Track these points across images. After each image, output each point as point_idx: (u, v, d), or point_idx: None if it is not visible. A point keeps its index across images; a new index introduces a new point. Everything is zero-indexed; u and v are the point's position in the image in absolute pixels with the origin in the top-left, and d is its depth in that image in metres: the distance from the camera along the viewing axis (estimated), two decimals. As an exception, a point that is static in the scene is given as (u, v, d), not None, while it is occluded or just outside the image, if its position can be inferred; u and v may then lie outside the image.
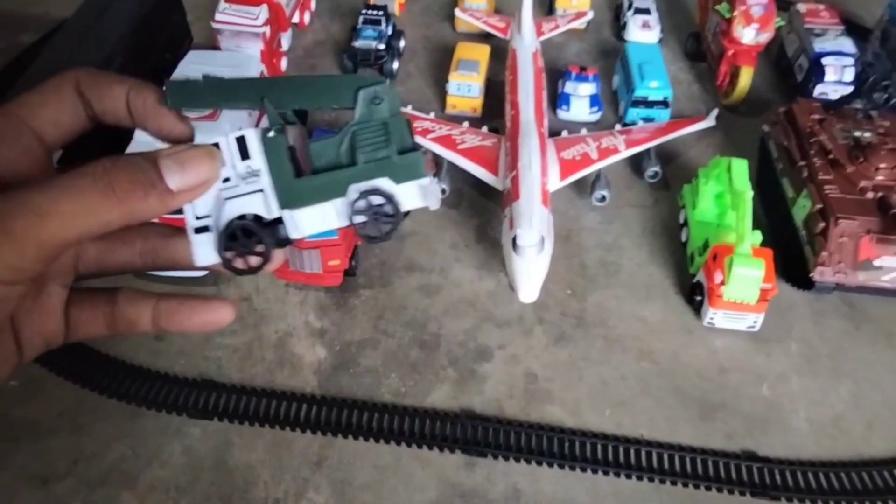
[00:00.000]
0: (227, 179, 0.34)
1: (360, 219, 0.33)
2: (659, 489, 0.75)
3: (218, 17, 1.09)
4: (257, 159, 0.34)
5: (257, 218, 0.34)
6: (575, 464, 0.76)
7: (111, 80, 0.35)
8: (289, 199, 0.34)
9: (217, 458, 0.76)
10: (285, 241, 0.35)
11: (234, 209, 0.34)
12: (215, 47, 1.13)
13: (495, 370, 0.84)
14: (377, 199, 0.33)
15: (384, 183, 0.33)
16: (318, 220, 0.34)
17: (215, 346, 0.85)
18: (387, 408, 0.80)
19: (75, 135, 0.36)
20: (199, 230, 0.34)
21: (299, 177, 0.34)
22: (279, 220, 0.34)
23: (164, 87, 0.35)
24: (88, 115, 0.35)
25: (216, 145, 0.33)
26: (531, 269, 0.81)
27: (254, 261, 0.34)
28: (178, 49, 1.15)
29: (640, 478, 0.76)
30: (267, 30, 1.10)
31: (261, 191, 0.34)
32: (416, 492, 0.74)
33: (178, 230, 0.36)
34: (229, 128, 0.87)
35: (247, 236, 0.34)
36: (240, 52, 1.07)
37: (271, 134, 0.34)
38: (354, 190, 0.33)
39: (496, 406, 0.81)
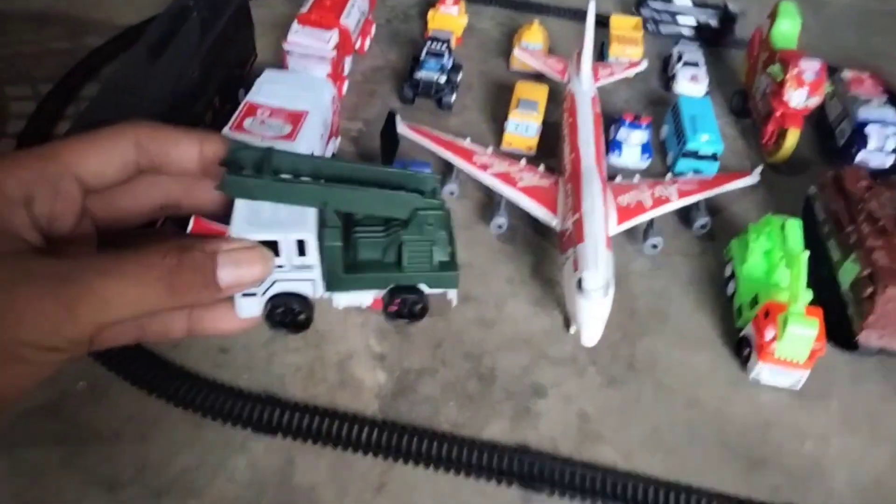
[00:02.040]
0: (280, 266, 0.37)
1: (392, 308, 0.40)
2: (708, 537, 0.77)
3: (291, 37, 1.12)
4: (312, 257, 0.37)
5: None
6: (629, 506, 0.78)
7: (177, 135, 0.37)
8: (334, 286, 0.38)
9: (281, 476, 0.77)
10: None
11: (283, 286, 0.37)
12: (282, 66, 1.16)
13: (550, 408, 0.87)
14: (411, 297, 0.39)
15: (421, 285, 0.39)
16: (355, 300, 0.40)
17: (279, 363, 0.87)
18: (446, 437, 0.82)
19: (117, 184, 0.36)
20: (246, 294, 0.37)
21: (347, 270, 0.38)
22: None
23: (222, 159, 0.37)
24: (139, 167, 0.36)
25: (275, 243, 0.36)
26: (596, 311, 0.84)
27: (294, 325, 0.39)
28: (245, 65, 1.17)
29: (690, 525, 0.78)
30: (335, 53, 1.13)
31: (311, 280, 0.38)
32: (473, 523, 0.76)
33: (200, 178, 0.37)
34: (305, 149, 0.89)
35: (291, 308, 0.38)
36: (313, 75, 1.10)
37: (329, 242, 0.37)
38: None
39: (550, 443, 0.83)
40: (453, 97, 1.23)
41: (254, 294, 0.37)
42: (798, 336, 0.86)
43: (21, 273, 0.30)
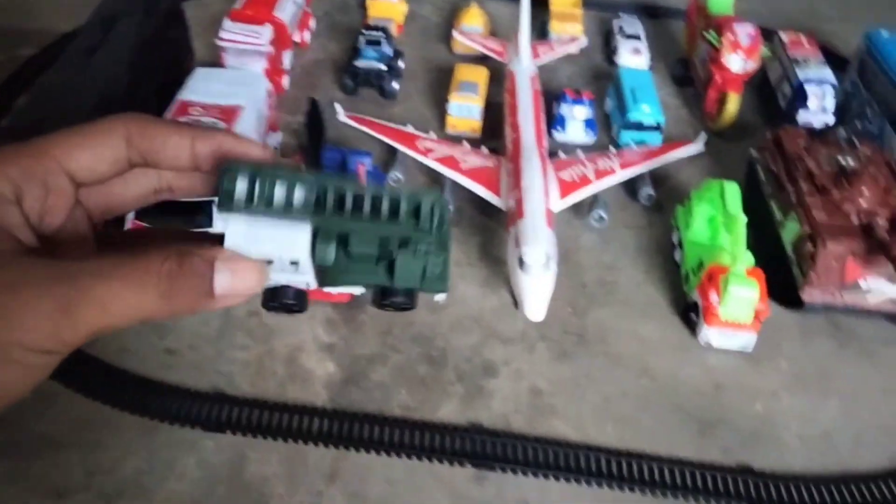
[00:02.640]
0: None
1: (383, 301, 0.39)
2: (661, 502, 0.78)
3: (223, 34, 1.11)
4: (306, 268, 0.36)
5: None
6: (581, 477, 0.79)
7: (169, 130, 0.36)
8: (326, 281, 0.38)
9: (232, 472, 0.77)
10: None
11: (277, 279, 0.37)
12: (218, 64, 1.15)
13: (501, 386, 0.87)
14: (400, 300, 0.39)
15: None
16: (344, 290, 0.40)
17: (227, 360, 0.86)
18: (398, 421, 0.82)
19: (109, 179, 0.36)
20: None
21: (339, 272, 0.37)
22: None
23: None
24: (131, 162, 0.36)
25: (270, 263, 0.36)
26: (538, 286, 0.84)
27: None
28: (182, 67, 1.16)
29: (643, 491, 0.79)
30: (271, 48, 1.12)
31: (304, 279, 0.37)
32: (428, 505, 0.76)
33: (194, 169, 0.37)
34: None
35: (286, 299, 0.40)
36: (246, 71, 1.09)
37: (321, 255, 0.36)
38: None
39: (503, 420, 0.84)
40: (396, 84, 1.23)
41: None
42: (740, 297, 0.87)
43: (19, 273, 0.30)
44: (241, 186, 0.34)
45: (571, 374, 0.89)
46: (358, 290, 0.41)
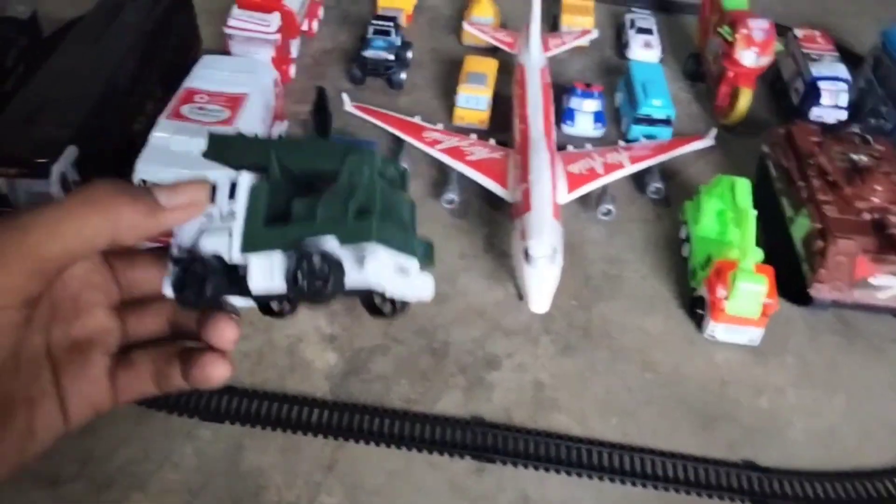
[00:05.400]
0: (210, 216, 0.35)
1: (299, 278, 0.32)
2: (663, 497, 0.77)
3: (231, 22, 1.10)
4: (240, 203, 0.34)
5: (221, 262, 0.34)
6: (582, 471, 0.78)
7: (147, 262, 0.36)
8: (247, 244, 0.33)
9: (229, 462, 0.76)
10: (245, 291, 0.34)
11: (205, 245, 0.34)
12: (226, 53, 1.14)
13: (503, 378, 0.86)
14: (317, 260, 0.32)
15: (329, 243, 0.33)
16: (266, 272, 0.33)
17: (227, 348, 0.86)
18: (397, 413, 0.81)
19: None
20: (175, 261, 0.35)
21: (266, 224, 0.34)
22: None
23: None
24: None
25: (213, 187, 0.34)
26: (543, 279, 0.83)
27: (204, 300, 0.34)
28: (188, 54, 1.15)
29: (644, 485, 0.78)
30: (278, 37, 1.12)
31: (230, 233, 0.34)
32: (426, 497, 0.75)
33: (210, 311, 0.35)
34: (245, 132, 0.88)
35: (198, 278, 0.34)
36: (253, 59, 1.08)
37: (257, 181, 0.34)
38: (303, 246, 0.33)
39: (505, 414, 0.83)
40: (403, 75, 1.22)
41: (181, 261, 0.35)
42: (748, 292, 0.85)
43: None
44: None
45: (575, 368, 0.88)
46: (278, 283, 0.34)
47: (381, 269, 0.33)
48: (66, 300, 0.34)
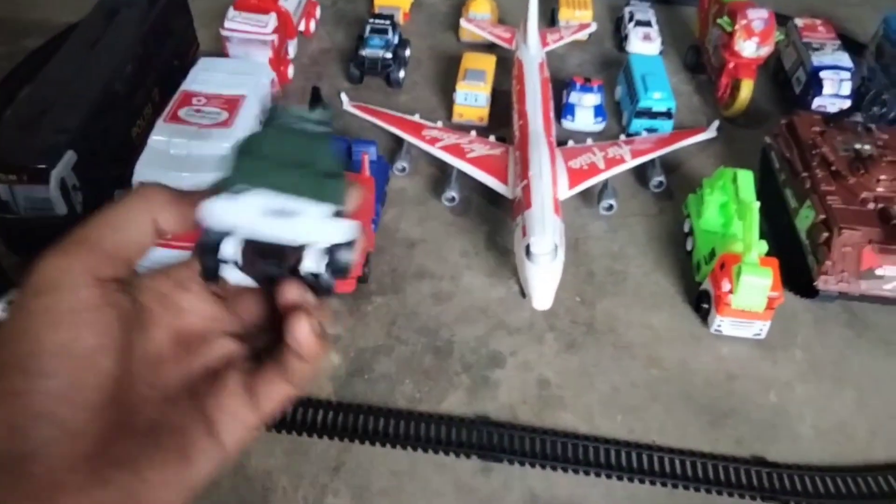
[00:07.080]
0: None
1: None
2: (672, 494, 0.76)
3: (227, 24, 1.10)
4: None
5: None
6: (590, 469, 0.77)
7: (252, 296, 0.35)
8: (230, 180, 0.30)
9: (236, 465, 0.76)
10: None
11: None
12: (223, 54, 1.13)
13: (508, 376, 0.85)
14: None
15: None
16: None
17: (230, 352, 0.85)
18: (402, 413, 0.81)
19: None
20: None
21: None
22: None
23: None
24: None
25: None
26: (545, 276, 0.83)
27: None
28: (186, 56, 1.15)
29: (653, 483, 0.77)
30: (275, 38, 1.11)
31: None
32: (433, 497, 0.75)
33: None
34: (243, 133, 0.88)
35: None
36: (250, 61, 1.08)
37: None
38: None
39: (510, 412, 0.82)
40: (401, 73, 1.21)
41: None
42: (753, 285, 0.85)
43: None
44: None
45: (580, 365, 0.87)
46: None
47: (245, 211, 0.30)
48: (193, 336, 0.35)
